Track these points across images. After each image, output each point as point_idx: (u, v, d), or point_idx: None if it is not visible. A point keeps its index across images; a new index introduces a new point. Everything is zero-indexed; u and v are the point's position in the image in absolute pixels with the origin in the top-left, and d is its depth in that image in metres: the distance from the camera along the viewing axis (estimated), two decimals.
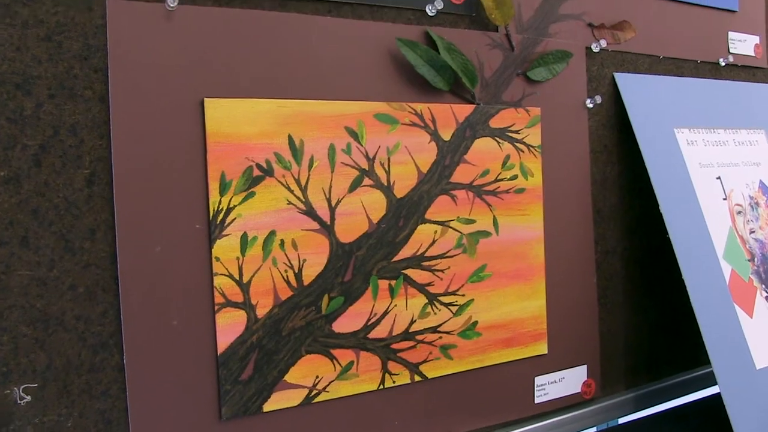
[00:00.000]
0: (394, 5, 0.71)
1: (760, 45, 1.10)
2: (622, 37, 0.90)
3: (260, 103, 0.64)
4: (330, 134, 0.67)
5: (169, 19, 0.60)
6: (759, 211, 0.98)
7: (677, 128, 0.93)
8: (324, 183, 0.67)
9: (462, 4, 0.75)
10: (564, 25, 0.84)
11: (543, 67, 0.79)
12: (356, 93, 0.68)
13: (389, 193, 0.70)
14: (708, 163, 0.94)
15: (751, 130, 1.04)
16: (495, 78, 0.76)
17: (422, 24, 0.73)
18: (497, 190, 0.76)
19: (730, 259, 0.90)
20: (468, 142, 0.74)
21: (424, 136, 0.72)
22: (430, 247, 0.72)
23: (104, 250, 0.58)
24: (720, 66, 1.04)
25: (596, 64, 0.88)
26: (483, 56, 0.76)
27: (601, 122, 0.88)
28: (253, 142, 0.63)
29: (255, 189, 0.64)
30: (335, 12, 0.68)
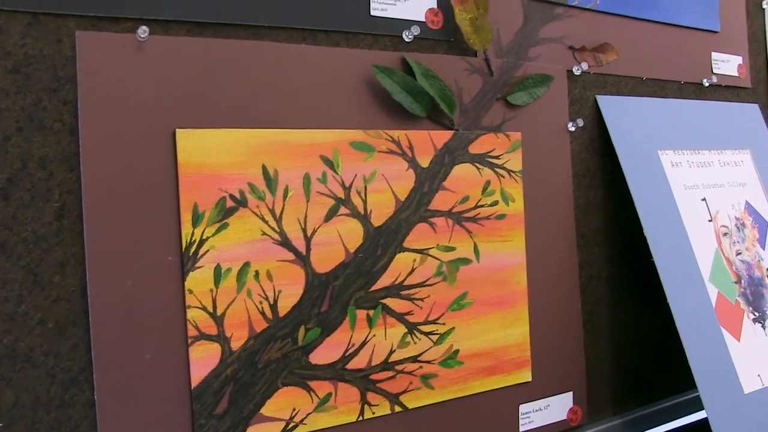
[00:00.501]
0: (370, 32, 0.71)
1: (744, 65, 1.10)
2: (604, 59, 0.90)
3: (233, 133, 0.63)
4: (305, 163, 0.66)
5: (140, 50, 0.60)
6: (745, 232, 0.98)
7: (661, 150, 0.93)
8: (299, 213, 0.66)
9: (439, 30, 0.75)
10: (544, 49, 0.84)
11: (523, 91, 0.79)
12: (332, 121, 0.68)
13: (366, 222, 0.69)
14: (693, 184, 0.94)
15: (736, 150, 1.04)
16: (474, 103, 0.76)
17: (399, 50, 0.73)
18: (477, 216, 0.76)
19: (717, 282, 0.90)
20: (447, 168, 0.74)
21: (401, 163, 0.71)
22: (408, 276, 0.72)
23: (74, 284, 0.57)
24: (704, 87, 1.04)
25: (578, 87, 0.88)
26: (462, 81, 0.75)
27: (584, 145, 0.88)
28: (226, 172, 0.63)
29: (228, 220, 0.63)
30: (310, 40, 0.68)
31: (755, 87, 1.13)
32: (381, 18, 0.71)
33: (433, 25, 0.74)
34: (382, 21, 0.71)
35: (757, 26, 1.14)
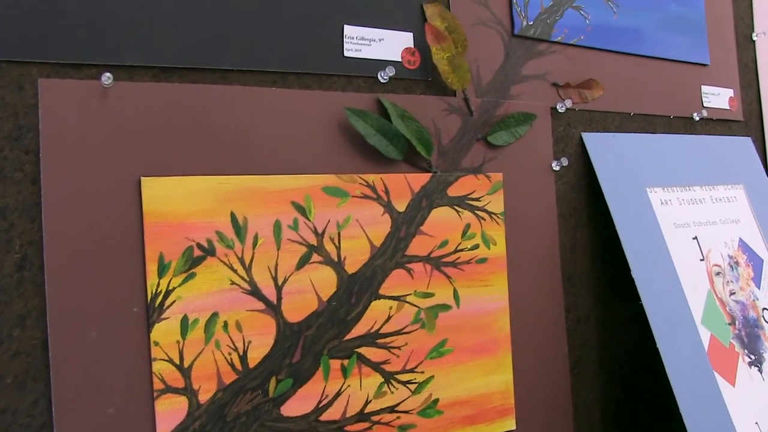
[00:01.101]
0: (343, 73, 0.70)
1: (735, 98, 1.09)
2: (589, 95, 0.89)
3: (200, 180, 0.62)
4: (275, 210, 0.65)
5: (105, 97, 0.59)
6: (739, 270, 0.96)
7: (650, 188, 0.91)
8: (269, 261, 0.65)
9: (416, 69, 0.74)
10: (527, 86, 0.83)
11: (504, 130, 0.78)
12: (303, 166, 0.66)
13: (340, 269, 0.68)
14: (683, 222, 0.93)
15: (728, 185, 1.03)
16: (453, 144, 0.75)
17: (374, 91, 0.72)
18: (457, 261, 0.74)
19: (709, 324, 0.88)
20: (424, 212, 0.73)
21: (376, 208, 0.70)
22: (385, 324, 0.70)
23: (35, 337, 0.56)
24: (694, 121, 1.03)
25: (563, 125, 0.87)
26: (440, 122, 0.74)
27: (570, 184, 0.86)
28: (193, 221, 0.62)
29: (196, 269, 0.62)
30: (281, 83, 0.67)
31: (747, 120, 1.11)
32: (355, 59, 0.70)
33: (409, 65, 0.74)
34: (356, 62, 0.70)
35: (747, 58, 1.13)
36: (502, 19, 0.82)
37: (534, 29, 0.84)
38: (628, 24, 0.95)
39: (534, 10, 0.84)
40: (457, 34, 0.76)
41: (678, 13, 1.02)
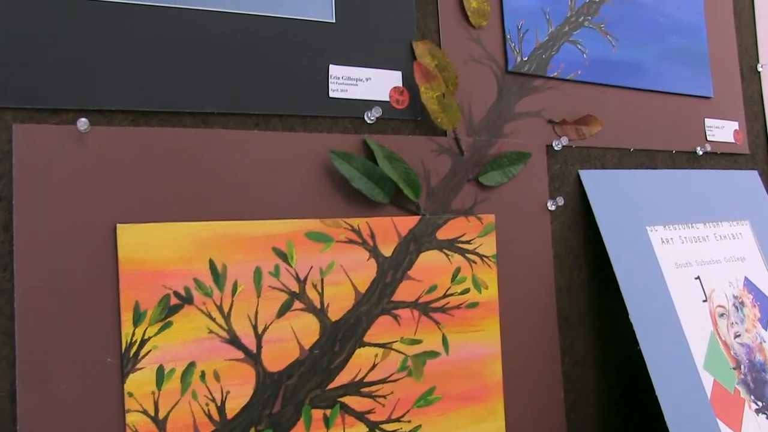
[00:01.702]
0: (329, 114, 0.69)
1: (740, 130, 1.07)
2: (587, 131, 0.87)
3: (178, 226, 0.61)
4: (256, 257, 0.64)
5: (81, 142, 0.58)
6: (744, 311, 0.93)
7: (650, 226, 0.89)
8: (249, 309, 0.63)
9: (405, 109, 0.73)
10: (521, 124, 0.81)
11: (497, 170, 0.76)
12: (286, 211, 0.65)
13: (323, 317, 0.66)
14: (685, 262, 0.90)
15: (734, 222, 1.00)
16: (443, 185, 0.73)
17: (361, 132, 0.71)
18: (446, 306, 0.72)
19: (712, 369, 0.85)
20: (412, 256, 0.71)
21: (361, 253, 0.68)
22: (370, 372, 0.68)
23: (3, 389, 0.55)
24: (698, 155, 1.01)
25: (559, 162, 0.85)
26: (429, 163, 0.73)
27: (566, 224, 0.84)
28: (171, 268, 0.60)
29: (172, 318, 0.60)
30: (263, 125, 0.66)
31: (754, 153, 1.09)
32: (340, 99, 0.69)
33: (398, 104, 0.72)
34: (342, 102, 0.69)
35: (753, 90, 1.11)
36: (495, 56, 0.80)
37: (529, 65, 0.83)
38: (628, 57, 0.93)
39: (529, 46, 0.83)
40: (448, 72, 0.74)
41: (680, 45, 1.01)
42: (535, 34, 0.84)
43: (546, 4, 0.86)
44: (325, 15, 0.70)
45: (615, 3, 0.94)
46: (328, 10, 0.70)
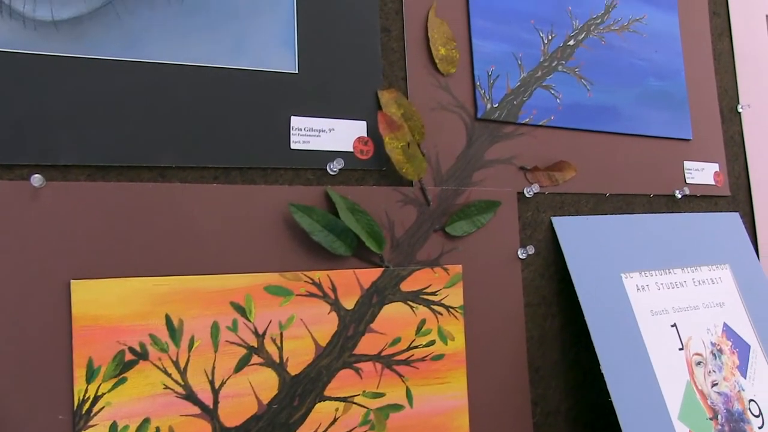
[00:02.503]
0: (290, 166, 0.69)
1: (721, 172, 1.07)
2: (560, 177, 0.87)
3: (134, 282, 0.61)
4: (213, 311, 0.64)
5: (35, 198, 0.59)
6: (723, 359, 0.93)
7: (625, 273, 0.89)
8: (206, 364, 0.63)
9: (370, 159, 0.73)
10: (491, 172, 0.82)
11: (465, 220, 0.77)
12: (245, 265, 0.65)
13: (282, 371, 0.66)
14: (661, 309, 0.90)
15: (713, 266, 1.00)
16: (408, 236, 0.74)
17: (324, 183, 0.71)
18: (410, 358, 0.72)
19: (688, 420, 0.85)
20: (375, 309, 0.71)
21: (322, 306, 0.68)
22: (330, 426, 0.68)
23: None
24: (676, 198, 1.01)
25: (531, 210, 0.85)
26: (394, 214, 0.73)
27: (538, 272, 0.84)
28: (126, 324, 0.61)
29: (127, 374, 0.60)
30: (223, 178, 0.66)
31: (735, 194, 1.09)
32: (302, 151, 0.70)
33: (362, 155, 0.73)
34: (304, 154, 0.70)
35: (734, 131, 1.11)
36: (464, 103, 0.81)
37: (499, 112, 0.83)
38: (603, 101, 0.94)
39: (499, 92, 0.84)
40: (414, 121, 0.75)
41: (657, 87, 1.01)
42: (506, 79, 0.85)
43: (518, 49, 0.87)
44: (288, 66, 0.70)
45: (590, 47, 0.95)
46: (291, 61, 0.71)
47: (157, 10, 0.66)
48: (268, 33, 0.70)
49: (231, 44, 0.68)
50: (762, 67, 1.17)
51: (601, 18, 0.98)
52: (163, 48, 0.66)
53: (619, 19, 1.00)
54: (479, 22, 0.84)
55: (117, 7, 0.64)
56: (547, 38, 0.90)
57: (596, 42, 0.96)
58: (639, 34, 1.02)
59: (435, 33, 0.80)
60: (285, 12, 0.72)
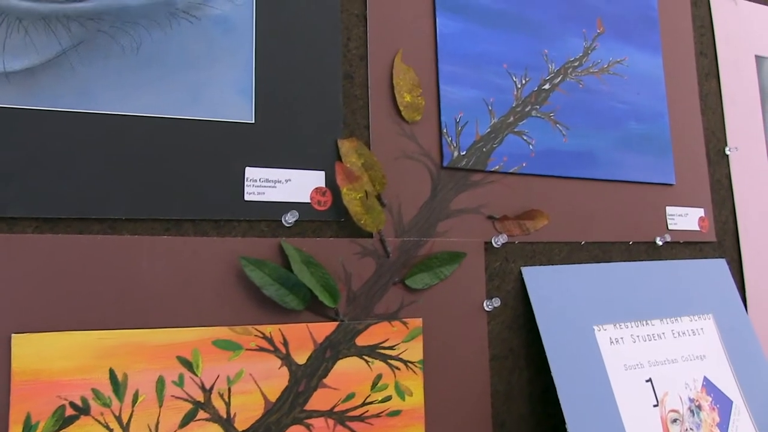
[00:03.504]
0: (244, 218, 0.71)
1: (706, 217, 1.08)
2: (531, 226, 0.89)
3: (78, 335, 0.63)
4: (159, 365, 0.65)
5: None
6: (701, 416, 0.94)
7: (598, 325, 0.90)
8: (150, 419, 0.65)
9: (328, 210, 0.75)
10: (457, 221, 0.83)
11: (426, 272, 0.78)
12: (194, 318, 0.67)
13: (229, 427, 0.67)
14: (636, 363, 0.91)
15: (695, 316, 1.01)
16: (366, 289, 0.75)
17: (279, 235, 0.73)
18: (365, 415, 0.73)
19: None
20: (328, 363, 0.72)
21: (273, 361, 0.70)
22: None
23: None
24: (657, 246, 1.02)
25: (499, 260, 0.87)
26: (351, 266, 0.75)
27: (506, 324, 0.86)
28: (68, 378, 0.62)
29: (67, 429, 0.62)
30: (174, 230, 0.68)
31: (721, 240, 1.10)
32: (257, 202, 0.71)
33: (319, 206, 0.74)
34: (259, 205, 0.72)
35: (721, 174, 1.12)
36: (430, 151, 0.83)
37: (467, 159, 0.85)
38: (580, 147, 0.96)
39: (468, 139, 0.86)
40: (375, 170, 0.77)
41: (639, 131, 1.03)
42: (475, 126, 0.87)
43: (489, 94, 0.89)
44: (245, 116, 0.73)
45: (567, 91, 0.97)
46: (248, 110, 0.73)
47: (111, 60, 0.68)
48: (225, 82, 0.73)
49: (186, 94, 0.71)
50: (751, 108, 1.19)
51: (579, 61, 0.99)
52: (117, 99, 0.68)
53: (598, 61, 1.02)
54: (448, 68, 0.86)
55: (71, 57, 0.67)
56: (520, 82, 0.92)
57: (573, 85, 0.98)
58: (620, 76, 1.04)
59: (400, 79, 0.82)
60: (243, 59, 0.74)
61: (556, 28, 0.98)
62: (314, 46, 0.78)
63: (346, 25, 0.82)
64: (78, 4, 0.68)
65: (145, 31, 0.70)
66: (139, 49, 0.70)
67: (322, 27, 0.79)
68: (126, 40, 0.69)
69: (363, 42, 0.82)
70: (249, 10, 0.76)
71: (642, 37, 1.08)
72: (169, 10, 0.72)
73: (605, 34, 1.04)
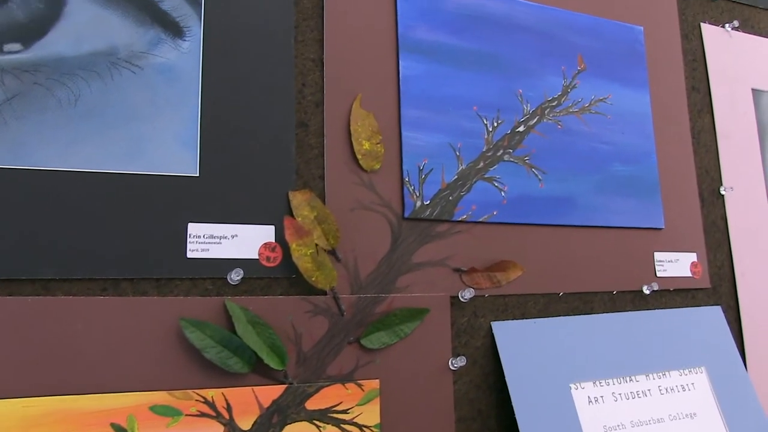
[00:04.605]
0: (187, 276, 0.71)
1: (699, 262, 1.07)
2: (503, 278, 0.88)
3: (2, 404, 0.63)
4: None
5: None
6: None
7: (575, 383, 0.89)
8: None
9: (277, 267, 0.75)
10: (420, 275, 0.83)
11: (384, 330, 0.78)
12: (130, 383, 0.67)
13: None
14: (617, 424, 0.90)
15: (685, 370, 1.00)
16: (317, 350, 0.75)
17: (224, 294, 0.73)
18: None
19: None
20: (275, 429, 0.72)
21: (215, 427, 0.70)
22: None
23: None
24: (645, 294, 1.01)
25: (467, 315, 0.86)
26: (302, 325, 0.75)
27: (474, 383, 0.85)
28: None
29: None
30: (111, 290, 0.69)
31: (716, 286, 1.09)
32: (200, 260, 0.72)
33: (269, 262, 0.75)
34: (202, 263, 0.72)
35: (716, 215, 1.12)
36: (390, 202, 0.83)
37: (431, 209, 0.85)
38: (558, 192, 0.96)
39: (432, 188, 0.86)
40: (328, 224, 0.77)
41: (623, 173, 1.03)
42: (441, 173, 0.87)
43: (456, 139, 0.89)
44: (188, 169, 0.73)
45: (544, 132, 0.97)
46: (192, 162, 0.74)
47: (48, 114, 0.69)
48: (168, 133, 0.73)
49: (127, 147, 0.71)
50: (748, 145, 1.18)
51: (557, 100, 1.00)
52: (53, 154, 0.69)
53: (579, 100, 1.02)
54: (411, 112, 0.87)
55: (4, 112, 0.68)
56: (492, 125, 0.93)
57: (551, 126, 0.98)
58: (603, 115, 1.04)
59: (359, 126, 0.82)
60: (189, 109, 0.75)
61: (532, 66, 0.99)
62: (266, 94, 0.79)
63: (300, 71, 0.82)
64: (13, 55, 0.69)
65: (84, 82, 0.71)
66: (78, 101, 0.71)
67: (276, 73, 0.80)
68: (63, 92, 0.70)
69: (319, 88, 0.83)
70: (196, 57, 0.77)
71: (628, 72, 1.08)
72: (110, 60, 0.73)
73: (587, 71, 1.04)
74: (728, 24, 1.23)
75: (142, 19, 0.76)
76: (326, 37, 0.85)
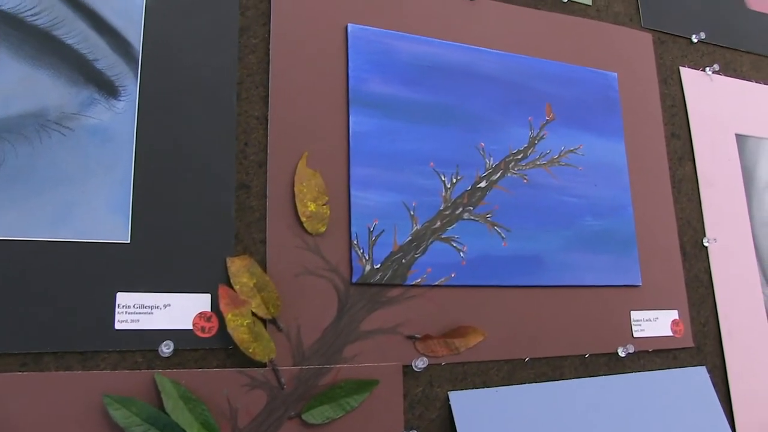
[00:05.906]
0: (115, 349, 0.72)
1: (680, 320, 1.08)
2: (462, 345, 0.89)
3: None
4: None
5: None
6: None
7: None
8: None
9: (213, 337, 0.76)
10: (369, 344, 0.84)
11: (329, 403, 0.79)
12: None
13: None
14: None
15: None
16: (254, 426, 0.76)
17: (155, 367, 0.74)
18: None
19: None
20: None
21: None
22: None
23: None
24: (620, 357, 1.01)
25: (422, 385, 0.87)
26: (238, 400, 0.75)
27: None
28: None
29: None
30: (32, 365, 0.70)
31: (700, 345, 1.09)
32: (130, 331, 0.73)
33: (203, 332, 0.76)
34: (131, 335, 0.73)
35: (699, 268, 1.12)
36: (337, 266, 0.84)
37: (382, 273, 0.86)
38: (523, 251, 0.96)
39: (383, 251, 0.87)
40: (268, 291, 0.78)
41: (596, 228, 1.04)
42: (393, 235, 0.88)
43: (411, 198, 0.90)
44: (119, 235, 0.75)
45: (508, 187, 0.98)
46: (124, 228, 0.75)
47: None
48: (98, 198, 0.75)
49: (53, 213, 0.73)
50: (732, 193, 1.19)
51: (523, 153, 1.01)
52: None
53: (547, 151, 1.03)
54: (361, 170, 0.88)
55: None
56: (450, 182, 0.94)
57: (516, 181, 0.99)
58: (573, 167, 1.05)
59: (304, 186, 0.84)
60: (121, 173, 0.76)
61: (495, 117, 1.00)
62: (206, 154, 0.81)
63: (243, 129, 0.84)
64: None
65: (9, 145, 0.73)
66: (2, 165, 0.72)
67: (216, 132, 0.82)
68: None
69: (263, 147, 0.85)
70: (131, 118, 0.78)
71: (600, 121, 1.10)
72: (39, 122, 0.75)
73: (556, 120, 1.06)
74: (708, 67, 1.25)
75: (75, 79, 0.78)
76: (272, 93, 0.87)
